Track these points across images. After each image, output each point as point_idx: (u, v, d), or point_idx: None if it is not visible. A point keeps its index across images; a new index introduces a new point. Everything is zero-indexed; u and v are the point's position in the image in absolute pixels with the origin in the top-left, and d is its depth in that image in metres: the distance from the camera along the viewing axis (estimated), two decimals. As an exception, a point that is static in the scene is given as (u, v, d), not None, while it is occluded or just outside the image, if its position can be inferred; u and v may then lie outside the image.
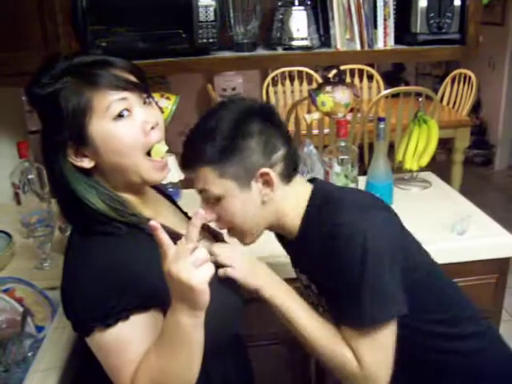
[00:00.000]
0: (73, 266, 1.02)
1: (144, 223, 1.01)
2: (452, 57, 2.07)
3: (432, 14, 1.92)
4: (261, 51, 1.96)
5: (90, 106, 0.99)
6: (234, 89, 5.42)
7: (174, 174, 2.03)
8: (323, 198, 1.19)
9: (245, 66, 2.01)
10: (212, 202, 1.15)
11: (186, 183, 2.17)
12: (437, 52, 1.97)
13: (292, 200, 1.20)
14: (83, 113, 0.99)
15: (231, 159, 1.10)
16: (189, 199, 2.07)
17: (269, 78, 4.53)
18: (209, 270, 0.87)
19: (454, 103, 4.46)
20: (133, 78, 1.04)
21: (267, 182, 1.14)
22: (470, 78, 4.36)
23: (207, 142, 1.11)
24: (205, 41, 1.80)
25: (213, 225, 1.25)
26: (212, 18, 1.79)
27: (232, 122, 1.11)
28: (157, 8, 1.83)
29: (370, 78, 4.65)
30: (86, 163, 1.03)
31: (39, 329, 1.43)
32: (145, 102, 1.06)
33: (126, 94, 1.02)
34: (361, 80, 4.66)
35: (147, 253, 0.96)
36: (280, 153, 1.15)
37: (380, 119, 1.97)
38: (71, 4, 1.75)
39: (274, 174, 1.13)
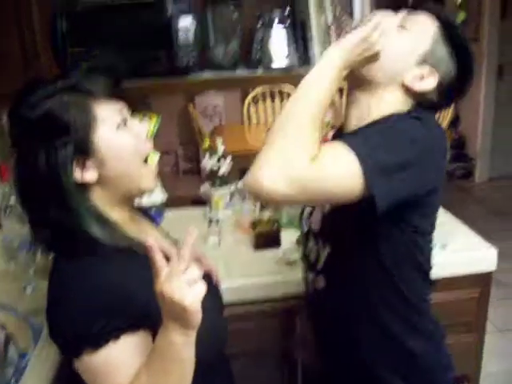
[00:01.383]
0: (61, 289, 1.00)
1: (133, 244, 1.03)
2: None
3: (409, 33, 1.95)
4: (241, 71, 1.98)
5: (93, 116, 1.01)
6: (215, 107, 5.43)
7: (158, 194, 2.03)
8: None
9: (225, 86, 2.03)
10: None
11: (169, 204, 2.17)
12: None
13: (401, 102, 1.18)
14: (88, 123, 1.00)
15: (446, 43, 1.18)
16: (171, 220, 2.09)
17: (250, 97, 4.56)
18: (201, 290, 0.87)
19: (433, 118, 4.52)
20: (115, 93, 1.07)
21: (423, 77, 1.17)
22: (447, 92, 4.43)
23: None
24: (185, 62, 1.82)
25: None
26: (192, 39, 1.81)
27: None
28: (137, 30, 1.85)
29: (340, 92, 4.69)
30: (90, 175, 1.02)
31: (22, 355, 1.41)
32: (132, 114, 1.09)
33: (121, 104, 1.05)
34: (341, 97, 4.71)
35: (137, 273, 0.97)
36: (448, 81, 1.20)
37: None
38: (51, 26, 1.76)
39: (433, 81, 1.17)
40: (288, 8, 1.99)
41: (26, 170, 1.01)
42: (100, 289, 0.96)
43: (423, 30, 1.17)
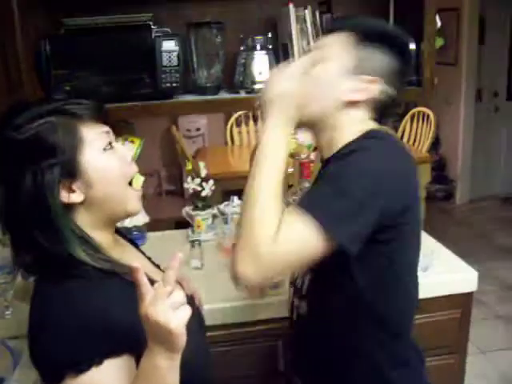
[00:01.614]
0: (42, 313, 0.98)
1: (117, 267, 1.03)
2: (409, 98, 2.15)
3: (389, 57, 1.98)
4: (224, 94, 1.99)
5: (80, 138, 1.01)
6: (198, 129, 5.45)
7: (139, 217, 2.03)
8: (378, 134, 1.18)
9: (208, 109, 2.04)
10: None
11: (151, 226, 2.17)
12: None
13: (357, 125, 1.19)
14: (75, 145, 1.01)
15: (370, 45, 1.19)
16: (154, 242, 2.08)
17: (232, 119, 4.60)
18: (186, 313, 0.88)
19: (414, 140, 4.58)
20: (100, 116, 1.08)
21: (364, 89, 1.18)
22: (428, 115, 4.50)
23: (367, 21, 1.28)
24: (168, 85, 1.83)
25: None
26: (175, 62, 1.82)
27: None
28: (120, 53, 1.86)
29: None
30: (76, 197, 1.02)
31: (0, 380, 1.38)
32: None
33: (106, 127, 1.07)
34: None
35: (120, 297, 0.97)
36: (392, 88, 1.20)
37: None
38: (34, 49, 1.76)
39: (375, 89, 1.18)
40: (270, 32, 2.02)
41: (11, 191, 1.00)
42: (83, 314, 0.95)
43: (338, 50, 1.19)
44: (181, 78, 1.84)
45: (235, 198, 2.15)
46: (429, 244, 2.03)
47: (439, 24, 2.08)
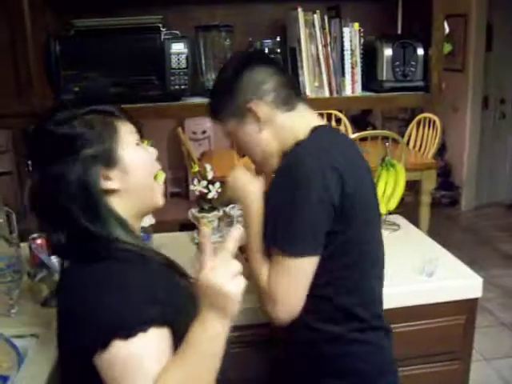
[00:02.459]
0: (84, 286, 1.02)
1: (149, 251, 1.12)
2: (416, 104, 2.15)
3: (397, 63, 1.99)
4: (232, 97, 1.99)
5: (117, 131, 1.11)
6: (204, 132, 5.46)
7: (145, 218, 2.03)
8: (320, 132, 1.32)
9: (216, 112, 2.04)
10: (232, 138, 1.40)
11: (155, 228, 2.17)
12: (402, 99, 2.04)
13: (289, 127, 1.33)
14: (112, 137, 1.09)
15: (225, 104, 1.34)
16: (159, 244, 2.08)
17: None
18: (242, 282, 0.95)
19: (420, 146, 4.58)
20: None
21: (255, 114, 1.31)
22: (434, 121, 4.50)
23: (211, 97, 1.41)
24: (177, 87, 1.84)
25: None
26: (184, 64, 1.83)
27: (222, 80, 1.38)
28: (129, 54, 1.86)
29: (338, 121, 4.75)
30: (114, 184, 1.09)
31: (4, 379, 1.39)
32: None
33: (135, 128, 1.17)
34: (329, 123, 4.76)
35: (157, 274, 1.07)
36: (269, 84, 1.31)
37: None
38: (44, 50, 1.77)
39: (260, 106, 1.30)
40: (279, 36, 2.02)
41: (51, 179, 1.06)
42: (127, 285, 1.00)
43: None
44: (189, 81, 1.85)
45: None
46: (434, 250, 2.03)
47: (447, 30, 2.09)
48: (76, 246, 1.07)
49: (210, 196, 2.16)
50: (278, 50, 1.99)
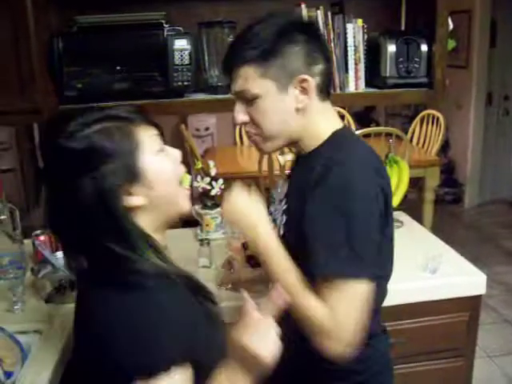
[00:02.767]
0: (116, 316, 0.95)
1: (178, 271, 1.03)
2: (420, 100, 2.15)
3: (401, 59, 1.99)
4: (235, 93, 1.99)
5: (137, 141, 1.00)
6: (207, 129, 5.46)
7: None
8: (342, 139, 1.23)
9: (219, 108, 2.04)
10: (247, 102, 1.20)
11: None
12: (405, 95, 2.04)
13: (322, 118, 1.23)
14: (133, 148, 0.99)
15: (273, 60, 1.15)
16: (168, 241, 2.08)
17: (242, 119, 4.58)
18: (278, 347, 0.94)
19: (424, 143, 4.57)
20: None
21: (304, 89, 1.18)
22: (437, 118, 4.48)
23: (250, 43, 1.16)
24: (180, 83, 1.84)
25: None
26: (187, 61, 1.82)
27: (276, 28, 1.16)
28: (132, 51, 1.87)
29: (342, 118, 4.72)
30: (137, 200, 1.00)
31: (8, 374, 1.39)
32: None
33: (156, 130, 1.07)
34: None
35: (182, 302, 0.98)
36: (320, 66, 1.19)
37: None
38: (47, 46, 1.77)
39: (312, 83, 1.17)
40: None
41: (69, 201, 0.97)
42: (160, 317, 0.94)
43: (255, 86, 1.17)
44: (192, 77, 1.85)
45: (244, 198, 2.15)
46: (437, 247, 2.03)
47: (451, 26, 2.08)
48: (101, 271, 0.99)
49: (213, 193, 2.16)
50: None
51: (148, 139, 1.02)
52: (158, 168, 1.02)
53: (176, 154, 1.09)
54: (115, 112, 1.01)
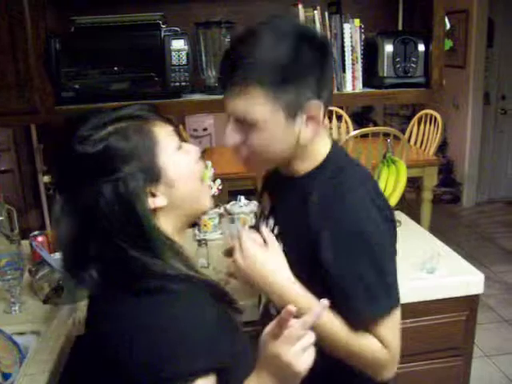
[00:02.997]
0: (138, 322, 0.89)
1: (200, 275, 0.99)
2: (417, 99, 2.14)
3: (398, 59, 1.99)
4: (232, 94, 1.99)
5: (154, 139, 0.96)
6: (205, 129, 5.46)
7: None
8: (341, 162, 1.17)
9: (216, 109, 2.04)
10: (245, 124, 1.07)
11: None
12: (403, 95, 2.03)
13: (318, 139, 1.15)
14: (152, 148, 0.95)
15: (287, 86, 1.03)
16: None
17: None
18: (311, 357, 0.91)
19: (422, 143, 4.57)
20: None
21: (312, 117, 1.08)
22: (435, 118, 4.49)
23: (262, 61, 1.02)
24: (177, 84, 1.83)
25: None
26: (184, 61, 1.82)
27: (290, 44, 1.03)
28: (129, 51, 1.86)
29: (339, 118, 4.75)
30: (161, 201, 0.96)
31: (6, 376, 1.39)
32: None
33: (172, 127, 1.03)
34: (330, 121, 4.76)
35: (210, 315, 0.93)
36: (329, 88, 1.11)
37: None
38: (44, 46, 1.77)
39: (322, 109, 1.08)
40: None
41: (86, 209, 0.93)
42: (184, 325, 0.89)
43: (261, 114, 1.06)
44: (189, 77, 1.85)
45: (242, 198, 2.16)
46: (435, 246, 2.03)
47: (448, 26, 2.08)
48: (120, 277, 0.93)
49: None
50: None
51: (165, 137, 0.98)
52: (178, 166, 0.98)
53: (194, 150, 1.04)
54: (129, 111, 0.97)
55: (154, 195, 0.95)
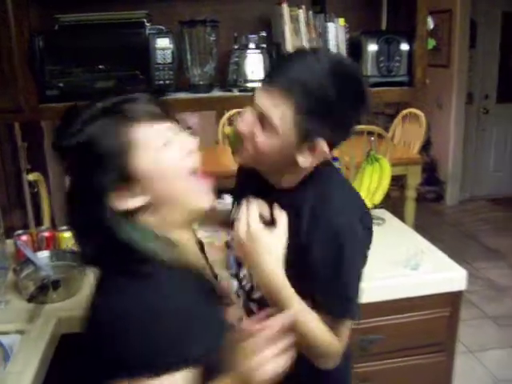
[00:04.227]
0: (131, 306, 0.90)
1: (195, 269, 1.01)
2: (401, 98, 2.16)
3: (382, 58, 2.00)
4: (216, 92, 2.00)
5: (131, 140, 0.95)
6: (189, 128, 5.44)
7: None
8: (328, 177, 1.25)
9: (201, 107, 2.04)
10: (263, 122, 1.12)
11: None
12: (387, 93, 2.05)
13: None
14: (128, 149, 0.95)
15: (317, 120, 1.10)
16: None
17: (224, 118, 4.59)
18: (277, 366, 0.92)
19: (406, 141, 4.61)
20: (158, 110, 1.02)
21: (316, 152, 1.14)
22: (419, 117, 4.53)
23: (309, 91, 1.08)
24: (161, 82, 1.83)
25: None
26: (169, 60, 1.82)
27: (340, 87, 1.09)
28: (114, 49, 1.85)
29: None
30: (135, 202, 0.97)
31: (-10, 375, 1.38)
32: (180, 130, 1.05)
33: (166, 123, 1.01)
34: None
35: (197, 308, 0.94)
36: (345, 134, 1.18)
37: (334, 159, 2.02)
38: (28, 44, 1.76)
39: (325, 147, 1.13)
40: (264, 31, 2.03)
41: (77, 198, 0.99)
42: (171, 315, 0.90)
43: (280, 124, 1.11)
44: (174, 76, 1.85)
45: (226, 197, 2.15)
46: (419, 243, 2.05)
47: (432, 25, 2.10)
48: (111, 257, 0.97)
49: (196, 191, 2.15)
50: (263, 45, 1.99)
51: (150, 135, 0.97)
52: (160, 164, 0.97)
53: (187, 144, 1.03)
54: (117, 107, 0.97)
55: (125, 197, 0.96)
